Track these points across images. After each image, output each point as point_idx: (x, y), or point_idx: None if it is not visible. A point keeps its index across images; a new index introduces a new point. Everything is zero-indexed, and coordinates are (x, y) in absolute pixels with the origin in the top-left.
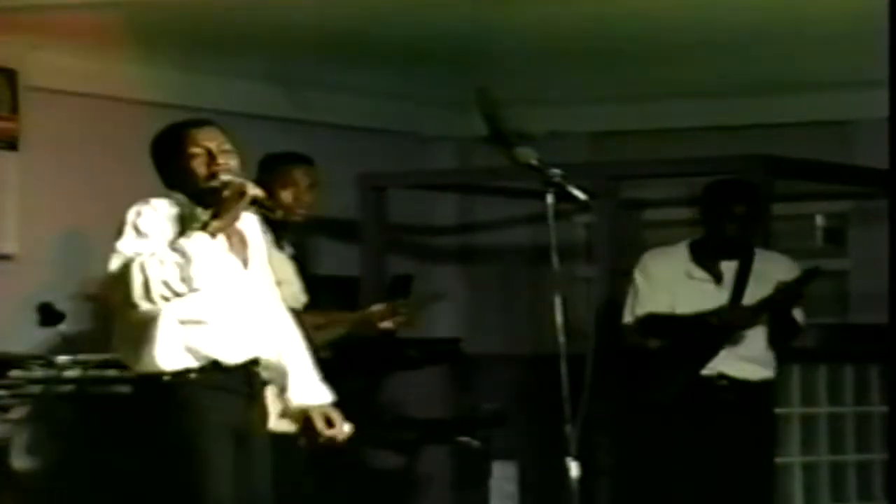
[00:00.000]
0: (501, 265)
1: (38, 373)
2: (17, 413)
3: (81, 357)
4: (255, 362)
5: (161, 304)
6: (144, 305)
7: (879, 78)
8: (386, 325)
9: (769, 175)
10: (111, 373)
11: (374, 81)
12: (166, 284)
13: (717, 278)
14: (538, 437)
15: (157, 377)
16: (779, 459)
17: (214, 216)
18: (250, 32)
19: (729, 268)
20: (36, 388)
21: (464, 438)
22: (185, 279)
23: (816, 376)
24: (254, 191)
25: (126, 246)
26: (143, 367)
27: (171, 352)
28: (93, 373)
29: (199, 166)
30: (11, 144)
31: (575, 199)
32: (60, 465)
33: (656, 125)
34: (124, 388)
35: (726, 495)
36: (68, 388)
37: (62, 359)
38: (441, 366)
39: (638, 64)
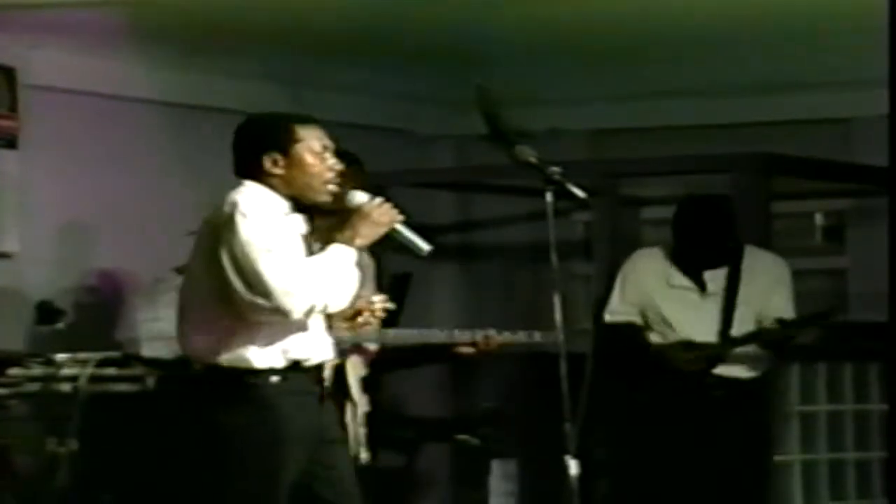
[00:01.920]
0: (500, 263)
1: (38, 371)
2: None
3: (81, 355)
4: (322, 365)
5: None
6: (302, 318)
7: (879, 76)
8: (465, 350)
9: (768, 173)
10: (110, 371)
11: (374, 81)
12: (326, 304)
13: (702, 287)
14: (537, 435)
15: (238, 374)
16: (778, 457)
17: (345, 227)
18: (250, 32)
19: (716, 276)
20: (35, 387)
21: (463, 436)
22: (344, 295)
23: (815, 374)
24: (399, 218)
25: (277, 250)
26: (229, 362)
27: (265, 350)
28: (92, 371)
29: (316, 161)
30: (11, 143)
31: (574, 196)
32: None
33: (655, 123)
34: (124, 387)
35: (720, 491)
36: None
37: (61, 357)
38: (440, 364)
39: (638, 63)
